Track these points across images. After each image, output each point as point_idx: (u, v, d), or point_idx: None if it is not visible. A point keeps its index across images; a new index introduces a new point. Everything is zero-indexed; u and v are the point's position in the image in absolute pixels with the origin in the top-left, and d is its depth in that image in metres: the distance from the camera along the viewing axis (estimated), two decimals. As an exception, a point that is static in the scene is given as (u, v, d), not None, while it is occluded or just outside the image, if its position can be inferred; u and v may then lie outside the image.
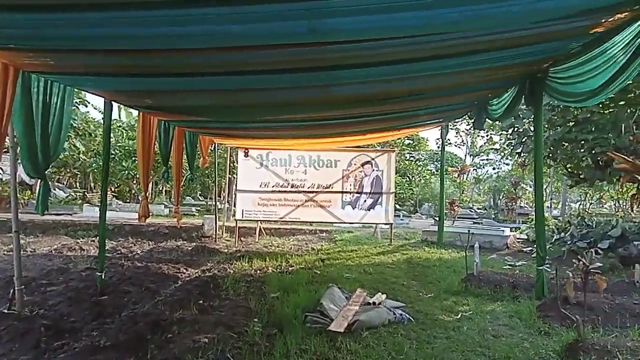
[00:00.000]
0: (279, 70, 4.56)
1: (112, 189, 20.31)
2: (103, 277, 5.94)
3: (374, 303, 5.08)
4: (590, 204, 19.49)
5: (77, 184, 21.58)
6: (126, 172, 16.09)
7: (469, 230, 7.35)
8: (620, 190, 17.10)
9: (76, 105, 16.21)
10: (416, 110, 7.69)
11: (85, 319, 4.77)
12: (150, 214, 15.91)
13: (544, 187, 24.37)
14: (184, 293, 5.96)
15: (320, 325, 4.48)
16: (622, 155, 3.06)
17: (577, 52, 4.76)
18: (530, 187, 25.64)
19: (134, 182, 18.41)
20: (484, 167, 30.77)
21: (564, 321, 4.61)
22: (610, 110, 10.09)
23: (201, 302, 5.58)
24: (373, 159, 11.23)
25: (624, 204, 18.11)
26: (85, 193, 19.17)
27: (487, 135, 31.35)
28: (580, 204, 23.75)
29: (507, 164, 29.08)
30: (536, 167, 5.92)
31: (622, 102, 9.98)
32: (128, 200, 19.74)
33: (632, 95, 10.01)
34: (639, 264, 6.26)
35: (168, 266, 7.77)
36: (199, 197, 22.83)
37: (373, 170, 11.18)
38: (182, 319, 4.79)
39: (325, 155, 11.15)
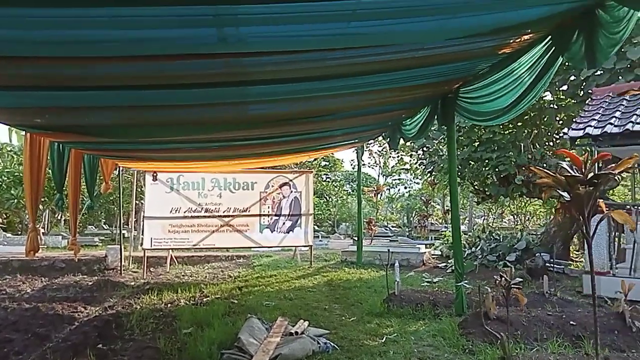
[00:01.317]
0: (189, 85, 4.18)
1: (1, 220, 18.10)
2: (-24, 325, 5.01)
3: (296, 332, 4.76)
4: (494, 219, 20.83)
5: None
6: (15, 200, 14.35)
7: (388, 250, 7.33)
8: (520, 205, 18.50)
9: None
10: (333, 130, 7.62)
11: (-51, 380, 3.94)
12: (45, 246, 14.33)
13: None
14: (80, 337, 5.21)
15: (239, 364, 4.06)
16: (543, 170, 3.12)
17: (485, 73, 4.93)
18: (439, 204, 26.98)
19: (25, 212, 16.52)
20: (396, 187, 31.87)
21: (486, 337, 4.62)
22: (510, 130, 10.84)
23: (101, 346, 4.90)
24: (291, 180, 11.01)
25: (523, 218, 19.64)
26: (-35, 226, 16.83)
27: (398, 157, 32.63)
28: (484, 219, 25.39)
29: (418, 183, 30.42)
30: (451, 185, 6.04)
31: (519, 124, 10.77)
32: (19, 232, 17.65)
33: (528, 117, 10.86)
34: (546, 275, 6.59)
35: (63, 305, 6.86)
36: (103, 225, 21.10)
37: (291, 191, 10.95)
38: (77, 369, 4.13)
39: (242, 177, 10.73)
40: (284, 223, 10.85)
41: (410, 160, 31.30)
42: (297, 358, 4.17)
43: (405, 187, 31.52)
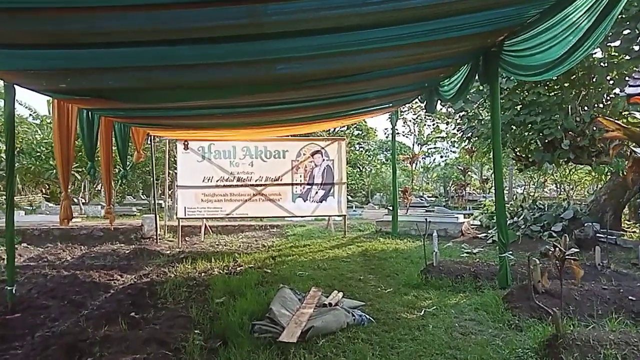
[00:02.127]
0: (211, 39, 3.90)
1: (43, 191, 18.71)
2: (14, 291, 5.04)
3: (330, 304, 4.56)
4: (535, 188, 19.97)
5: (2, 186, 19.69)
6: (55, 171, 14.67)
7: (426, 219, 6.99)
8: (564, 173, 17.59)
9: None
10: (366, 92, 7.22)
11: (-15, 346, 3.95)
12: (85, 215, 14.70)
13: (492, 172, 24.90)
14: (114, 304, 5.21)
15: (270, 335, 3.90)
16: (614, 121, 2.71)
17: (535, 21, 4.42)
18: (477, 174, 26.16)
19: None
20: (431, 156, 31.10)
21: (534, 312, 4.29)
22: (556, 92, 10.10)
23: (133, 314, 4.86)
24: (323, 148, 10.71)
25: (567, 187, 18.71)
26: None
27: (433, 124, 31.73)
28: (524, 189, 24.45)
29: (454, 152, 29.55)
30: (495, 149, 5.59)
31: (566, 84, 10.00)
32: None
33: (576, 76, 10.07)
34: (597, 246, 6.13)
35: (100, 273, 6.93)
36: (141, 195, 21.52)
37: (323, 159, 10.67)
38: (108, 337, 4.07)
39: (273, 145, 10.52)
40: (316, 192, 10.63)
41: (447, 128, 30.43)
42: (331, 331, 3.97)
43: (442, 156, 30.71)
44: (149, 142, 10.64)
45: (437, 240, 6.67)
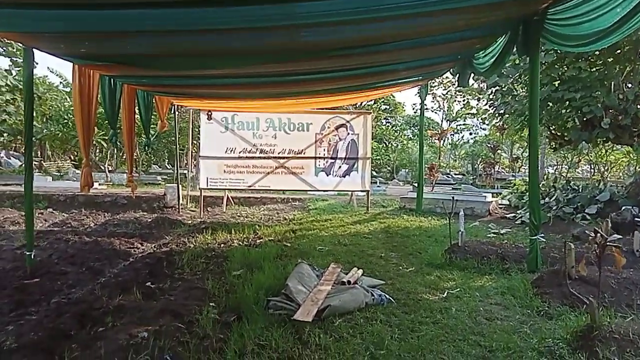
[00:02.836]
0: (237, 0, 3.67)
1: (72, 158, 19.05)
2: (33, 256, 5.05)
3: (348, 282, 4.39)
4: (568, 168, 19.22)
5: (34, 153, 20.14)
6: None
7: (452, 197, 6.71)
8: (600, 154, 16.83)
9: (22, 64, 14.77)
10: (395, 64, 6.88)
11: (1, 310, 3.95)
12: (110, 182, 14.90)
13: (523, 151, 24.11)
14: (132, 273, 5.18)
15: (286, 312, 3.77)
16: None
17: (585, -16, 4.01)
18: (506, 152, 25.39)
19: (95, 150, 17.23)
20: (460, 132, 30.32)
21: (566, 299, 4.03)
22: (599, 67, 9.49)
23: (150, 283, 4.81)
24: (348, 121, 10.43)
25: (603, 168, 17.92)
26: (42, 162, 17.85)
27: (464, 100, 30.84)
28: (555, 168, 23.63)
29: (484, 129, 28.73)
30: (531, 126, 5.25)
31: (610, 59, 9.38)
32: (93, 170, 18.54)
33: (621, 51, 9.43)
34: (636, 230, 5.76)
35: (120, 241, 6.95)
36: (167, 165, 21.72)
37: (348, 133, 10.41)
38: (122, 306, 4.02)
39: (297, 117, 10.29)
40: (340, 167, 10.42)
41: (478, 104, 29.53)
42: (348, 310, 3.81)
43: (471, 133, 29.91)
44: (172, 112, 10.57)
45: (464, 219, 6.40)
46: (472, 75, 7.70)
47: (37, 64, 14.70)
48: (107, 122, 9.64)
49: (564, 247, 3.92)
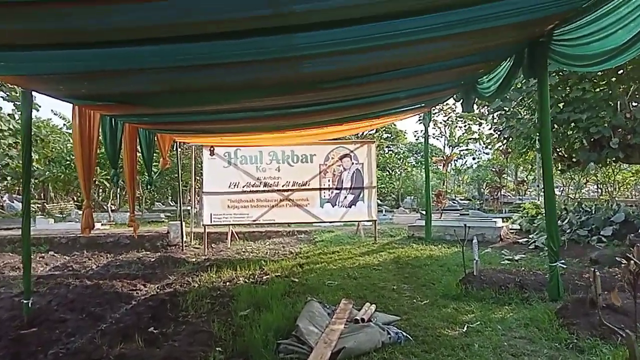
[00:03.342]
0: (231, 34, 3.59)
1: (75, 199, 18.98)
2: (31, 303, 4.84)
3: (362, 320, 4.15)
4: (575, 189, 18.96)
5: (37, 195, 20.09)
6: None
7: (464, 225, 6.50)
8: (606, 174, 16.62)
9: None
10: (396, 92, 6.80)
11: (-4, 364, 3.73)
12: (113, 222, 14.74)
13: (527, 174, 23.93)
14: (134, 318, 4.95)
15: (297, 356, 3.53)
16: None
17: (593, 4, 3.91)
18: (511, 175, 25.22)
19: (97, 190, 17.17)
20: (464, 158, 30.21)
21: (595, 330, 3.77)
22: (602, 87, 9.43)
23: (152, 329, 4.58)
24: (352, 151, 10.32)
25: (610, 187, 17.66)
26: (45, 204, 17.75)
27: (465, 126, 30.91)
28: (562, 190, 23.37)
29: (487, 153, 28.62)
30: (543, 147, 5.09)
31: (614, 79, 9.32)
32: (95, 210, 18.42)
33: (624, 71, 9.39)
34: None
35: (123, 283, 6.75)
36: (170, 202, 21.59)
37: (352, 163, 10.28)
38: (123, 356, 3.79)
39: (300, 149, 10.19)
40: (345, 197, 10.24)
41: (480, 129, 29.55)
42: (364, 351, 3.57)
43: (474, 158, 29.81)
44: (175, 149, 10.51)
45: (476, 246, 6.16)
46: (476, 100, 7.61)
47: (39, 106, 14.85)
48: (109, 162, 9.59)
49: (591, 274, 3.69)
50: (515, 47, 5.25)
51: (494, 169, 20.83)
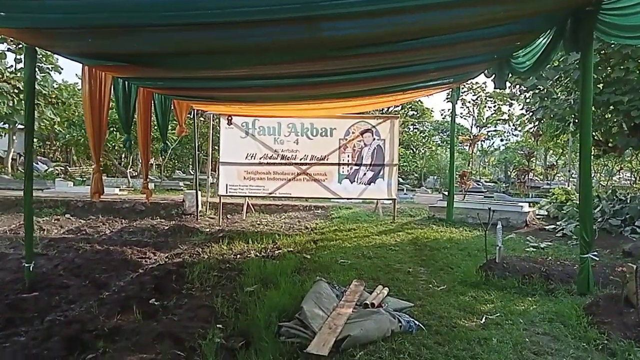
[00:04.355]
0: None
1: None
2: (33, 267, 4.72)
3: (372, 304, 3.88)
4: (609, 176, 18.13)
5: (61, 158, 20.34)
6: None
7: (489, 209, 6.10)
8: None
9: (48, 70, 14.94)
10: (426, 63, 6.35)
11: (-10, 327, 3.60)
12: (132, 188, 14.73)
13: (557, 158, 23.06)
14: (137, 288, 4.80)
15: (299, 341, 3.29)
16: None
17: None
18: (540, 159, 24.33)
19: (117, 154, 17.24)
20: (491, 139, 29.29)
21: (629, 331, 3.42)
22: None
23: (154, 300, 4.41)
24: (374, 126, 9.91)
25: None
26: (67, 167, 17.94)
27: (494, 106, 29.90)
28: (593, 176, 22.46)
29: (517, 135, 27.69)
30: (583, 134, 4.61)
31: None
32: (115, 175, 18.57)
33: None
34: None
35: (133, 250, 6.65)
36: (191, 171, 21.58)
37: (374, 139, 9.89)
38: (118, 328, 3.63)
39: (320, 122, 9.83)
40: (364, 174, 9.89)
41: (510, 110, 28.56)
42: (371, 340, 3.30)
43: (502, 140, 28.88)
44: (192, 116, 10.29)
45: (500, 231, 5.78)
46: (509, 76, 7.10)
47: (61, 69, 14.81)
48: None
49: (628, 269, 3.31)
50: (557, 17, 4.75)
51: (522, 152, 20.06)
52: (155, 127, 8.44)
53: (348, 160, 9.84)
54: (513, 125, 26.88)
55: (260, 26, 4.13)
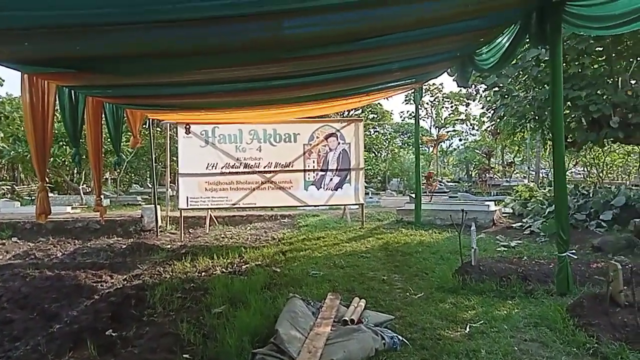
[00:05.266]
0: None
1: (47, 180, 18.05)
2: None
3: (352, 321, 3.62)
4: (567, 170, 18.65)
5: (7, 176, 19.11)
6: (51, 159, 13.94)
7: (462, 210, 5.98)
8: (596, 155, 16.32)
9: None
10: (389, 63, 6.19)
11: None
12: (85, 205, 13.92)
13: (514, 155, 23.64)
14: (91, 317, 4.34)
15: (276, 369, 2.98)
16: None
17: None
18: (499, 157, 24.89)
19: (69, 170, 16.33)
20: (450, 139, 29.81)
21: (618, 332, 3.30)
22: (602, 64, 8.96)
23: (111, 331, 3.98)
24: (338, 130, 9.70)
25: (598, 170, 17.39)
26: (14, 186, 16.83)
27: (452, 107, 30.49)
28: (547, 172, 23.15)
29: (474, 135, 28.28)
30: (555, 129, 4.56)
31: (613, 55, 8.84)
32: (67, 192, 17.57)
33: (624, 45, 8.92)
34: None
35: (87, 274, 6.14)
36: (148, 184, 20.76)
37: (339, 143, 9.67)
38: (70, 368, 3.20)
39: (283, 128, 9.53)
40: (331, 179, 9.65)
41: (467, 110, 29.20)
42: (355, 362, 3.03)
43: (460, 139, 29.44)
44: (147, 126, 9.78)
45: (469, 232, 5.65)
46: (472, 73, 7.06)
47: (3, 81, 13.85)
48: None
49: (611, 266, 3.20)
50: (523, 10, 4.66)
51: (481, 151, 20.42)
52: (108, 139, 7.90)
53: (313, 166, 9.57)
54: (471, 124, 27.43)
55: (219, 24, 3.81)
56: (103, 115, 7.10)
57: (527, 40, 5.19)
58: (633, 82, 8.71)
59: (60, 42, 3.98)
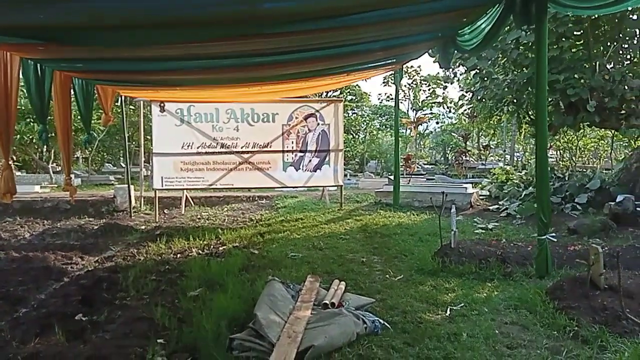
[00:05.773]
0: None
1: (14, 158, 17.37)
2: None
3: (332, 304, 3.54)
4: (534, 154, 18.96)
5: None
6: (18, 136, 13.36)
7: (443, 192, 5.94)
8: (569, 139, 16.58)
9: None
10: (370, 42, 6.04)
11: None
12: (55, 185, 13.46)
13: (490, 138, 23.88)
14: (60, 301, 4.16)
15: (255, 355, 2.89)
16: None
17: None
18: (475, 140, 25.11)
19: (37, 148, 15.74)
20: (428, 122, 29.90)
21: (597, 315, 3.32)
22: (580, 48, 9.01)
23: (81, 315, 3.82)
24: (318, 110, 9.53)
25: (570, 153, 17.71)
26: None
27: (429, 89, 30.52)
28: (521, 155, 23.50)
29: (451, 118, 28.44)
30: (539, 112, 4.52)
31: (591, 39, 8.88)
32: (36, 171, 16.95)
33: (602, 30, 8.97)
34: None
35: (56, 255, 5.92)
36: (121, 164, 20.23)
37: (318, 124, 9.52)
38: (36, 354, 3.04)
39: (261, 107, 9.30)
40: (310, 160, 9.52)
41: (444, 92, 29.30)
42: (337, 347, 2.96)
43: (438, 122, 29.59)
44: (120, 103, 9.43)
45: (445, 213, 5.63)
46: (455, 54, 6.98)
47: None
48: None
49: (592, 250, 3.20)
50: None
51: (458, 133, 20.55)
52: (78, 117, 7.57)
53: (292, 147, 9.41)
54: (448, 107, 27.55)
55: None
56: (72, 91, 6.79)
57: (511, 21, 5.11)
58: (610, 66, 8.80)
59: (21, 11, 3.70)
